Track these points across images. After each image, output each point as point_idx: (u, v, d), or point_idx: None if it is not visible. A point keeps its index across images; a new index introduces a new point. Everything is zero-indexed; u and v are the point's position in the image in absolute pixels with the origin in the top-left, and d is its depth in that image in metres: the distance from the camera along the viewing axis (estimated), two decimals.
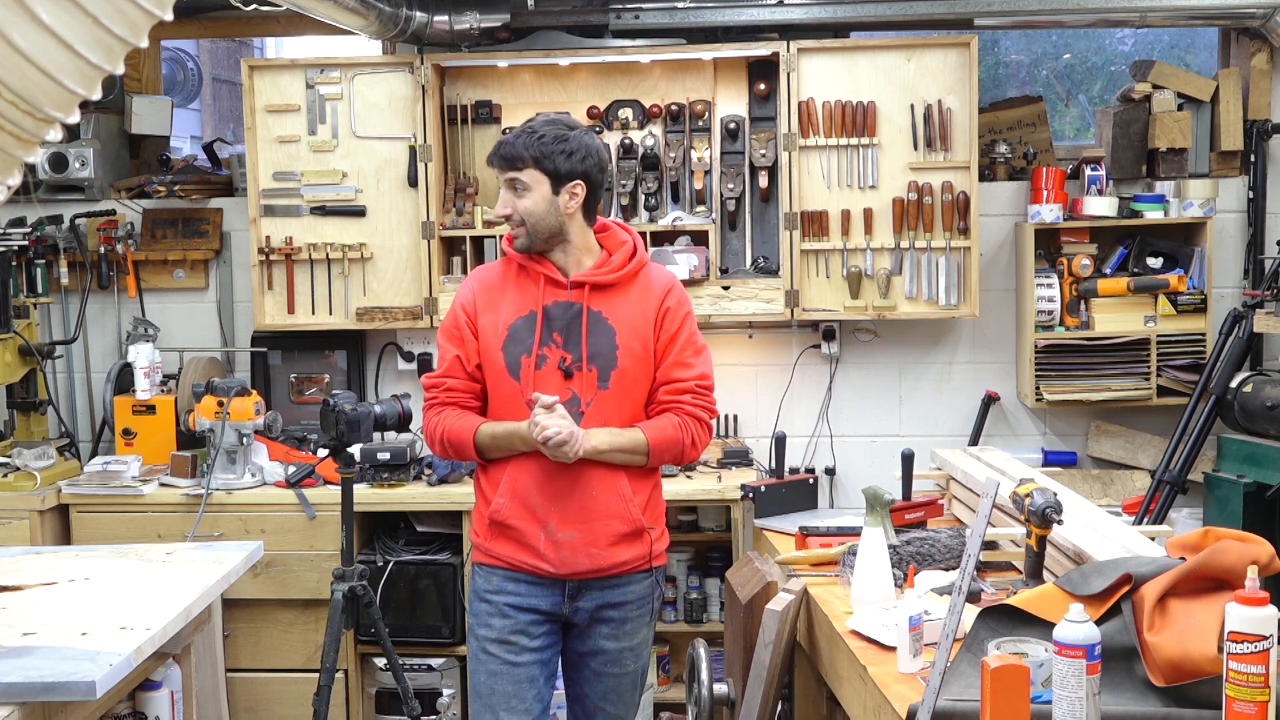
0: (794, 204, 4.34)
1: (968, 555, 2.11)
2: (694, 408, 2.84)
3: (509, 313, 2.82)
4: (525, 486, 2.79)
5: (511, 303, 2.83)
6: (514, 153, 2.79)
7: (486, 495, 2.86)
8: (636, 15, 4.32)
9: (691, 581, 4.44)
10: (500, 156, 2.81)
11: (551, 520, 2.79)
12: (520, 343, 2.79)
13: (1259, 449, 4.05)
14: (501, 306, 2.83)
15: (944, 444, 4.30)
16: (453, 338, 2.86)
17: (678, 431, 2.81)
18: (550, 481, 2.78)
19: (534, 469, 2.78)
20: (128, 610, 2.71)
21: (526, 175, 2.77)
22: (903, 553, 2.83)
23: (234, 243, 4.77)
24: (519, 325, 2.80)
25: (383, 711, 4.24)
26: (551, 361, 2.78)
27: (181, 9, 2.57)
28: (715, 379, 2.93)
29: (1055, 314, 4.40)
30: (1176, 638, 2.04)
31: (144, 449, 4.41)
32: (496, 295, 2.85)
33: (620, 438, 2.78)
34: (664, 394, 2.83)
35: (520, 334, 2.80)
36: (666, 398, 2.83)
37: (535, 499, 2.79)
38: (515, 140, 2.81)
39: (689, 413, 2.83)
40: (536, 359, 2.78)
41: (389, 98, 4.45)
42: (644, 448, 2.79)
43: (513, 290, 2.84)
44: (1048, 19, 4.36)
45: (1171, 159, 4.48)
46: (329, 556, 4.10)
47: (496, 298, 2.85)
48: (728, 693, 2.85)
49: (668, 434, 2.80)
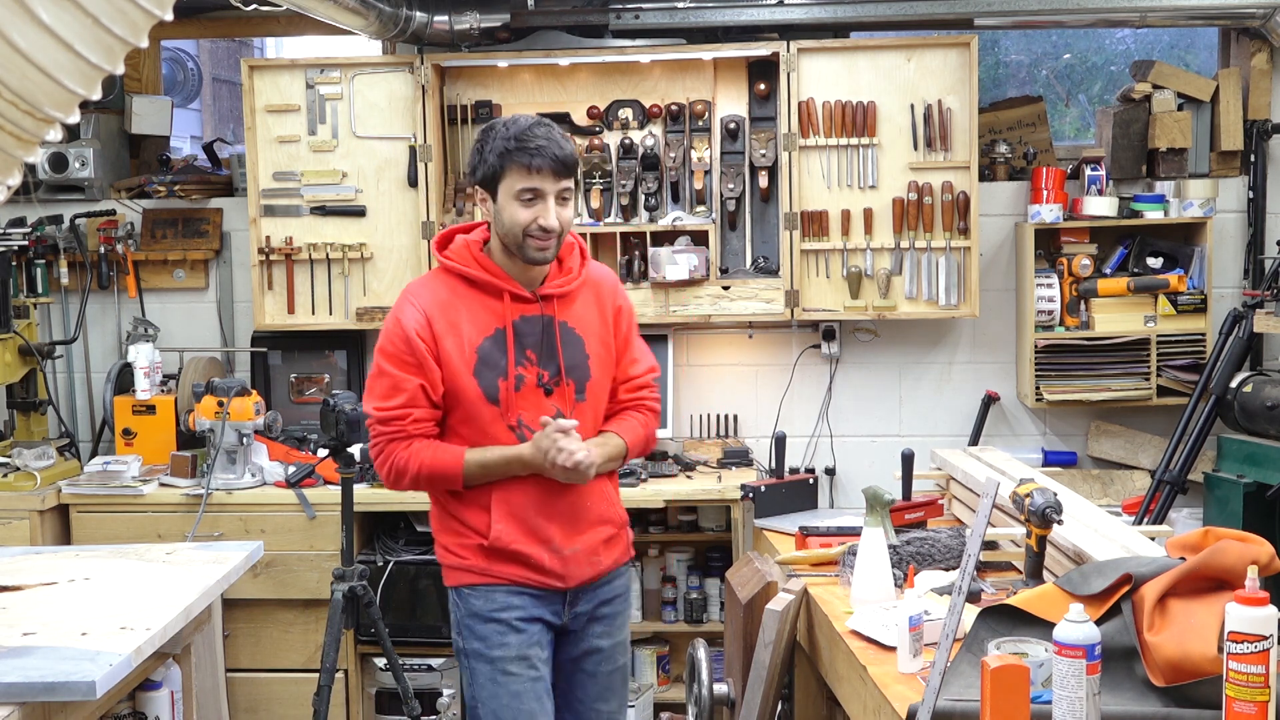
0: (794, 204, 4.34)
1: (968, 555, 2.10)
2: (652, 401, 2.86)
3: (472, 333, 2.65)
4: (521, 508, 2.68)
5: (472, 323, 2.66)
6: (571, 159, 2.63)
7: (469, 524, 2.70)
8: (636, 15, 4.32)
9: (691, 581, 4.44)
10: (560, 162, 2.61)
11: (555, 538, 2.71)
12: (493, 365, 2.65)
13: (1259, 449, 4.05)
14: (462, 328, 2.65)
15: (944, 444, 4.30)
16: (408, 366, 2.63)
17: (645, 429, 2.83)
18: (548, 500, 2.69)
19: (527, 490, 2.68)
20: (128, 610, 2.71)
21: (572, 183, 2.66)
22: (903, 553, 2.83)
23: (234, 243, 4.77)
24: (487, 346, 2.65)
25: (383, 711, 4.24)
26: (530, 381, 2.68)
27: (181, 9, 2.56)
28: (712, 378, 2.94)
29: (1055, 314, 4.40)
30: (1176, 638, 2.04)
31: (144, 449, 4.41)
32: (453, 315, 2.65)
33: (607, 448, 2.75)
34: (624, 392, 2.82)
35: (491, 356, 2.65)
36: (627, 396, 2.82)
37: (534, 520, 2.69)
38: (565, 144, 2.63)
39: (649, 407, 2.85)
40: (515, 380, 2.66)
41: (389, 98, 4.45)
42: (623, 453, 2.79)
43: (468, 308, 2.66)
44: (1048, 19, 4.36)
45: (1171, 159, 4.48)
46: (329, 556, 4.11)
47: (454, 318, 2.65)
48: (728, 693, 2.85)
49: (639, 434, 2.82)
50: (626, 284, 4.40)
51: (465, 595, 2.73)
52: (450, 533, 2.74)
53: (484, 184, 2.67)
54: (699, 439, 4.61)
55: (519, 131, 2.61)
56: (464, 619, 2.73)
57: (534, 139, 2.60)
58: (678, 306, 4.38)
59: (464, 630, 2.73)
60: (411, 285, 2.75)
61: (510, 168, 2.60)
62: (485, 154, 2.65)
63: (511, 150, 2.60)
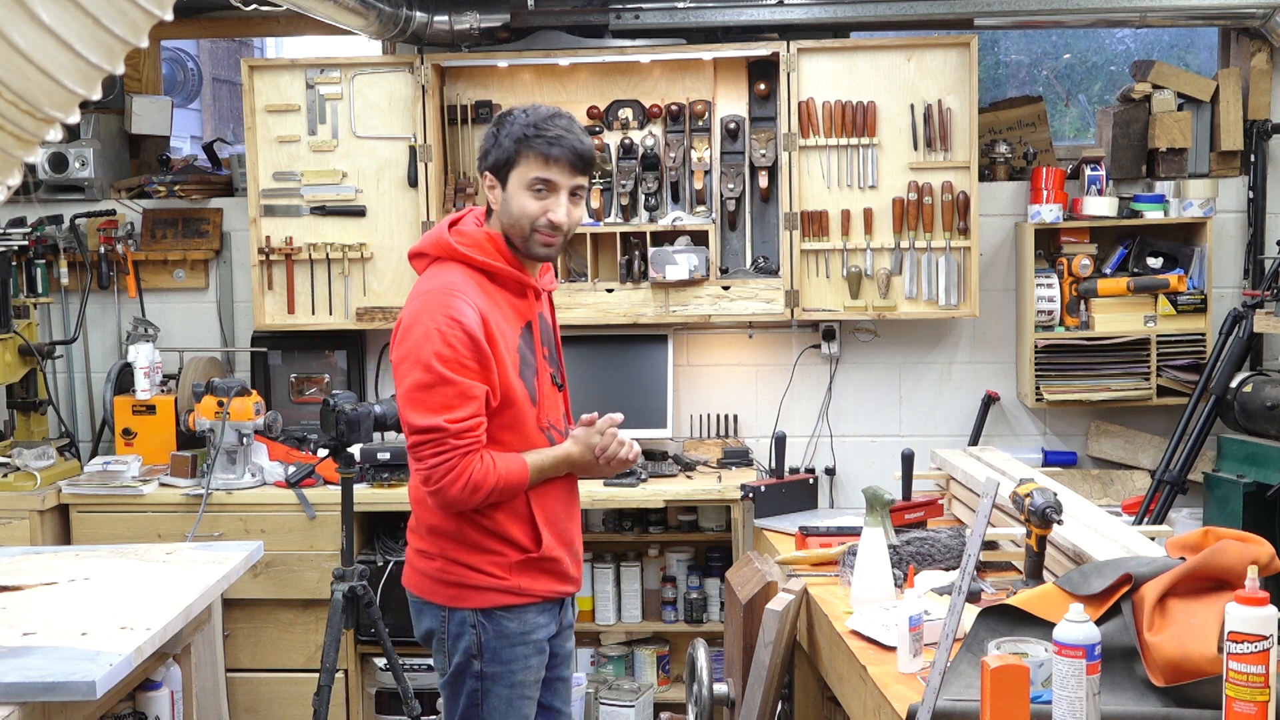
0: (794, 204, 4.34)
1: (968, 555, 2.10)
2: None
3: (509, 332, 2.54)
4: (555, 514, 2.62)
5: (505, 320, 2.54)
6: (589, 154, 2.52)
7: (511, 538, 2.55)
8: (636, 15, 4.32)
9: (691, 581, 4.44)
10: (579, 155, 2.50)
11: (575, 541, 2.70)
12: (529, 364, 2.57)
13: (1259, 449, 4.05)
14: (503, 326, 2.53)
15: (944, 444, 4.31)
16: (472, 371, 2.44)
17: None
18: (570, 502, 2.69)
19: (557, 494, 2.63)
20: (128, 610, 2.71)
21: (586, 182, 2.57)
22: (903, 553, 2.83)
23: (234, 243, 4.77)
24: (522, 346, 2.56)
25: (383, 711, 4.24)
26: (545, 379, 2.64)
27: (181, 9, 2.56)
28: (712, 378, 2.93)
29: (1055, 314, 4.40)
30: (1176, 638, 2.04)
31: (144, 449, 4.41)
32: (495, 313, 2.52)
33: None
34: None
35: (525, 355, 2.56)
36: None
37: (564, 523, 2.65)
38: (586, 139, 2.53)
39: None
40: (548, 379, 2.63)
41: (389, 98, 4.45)
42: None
43: (497, 303, 2.54)
44: (1048, 19, 4.36)
45: (1171, 159, 4.48)
46: (329, 556, 4.11)
47: (496, 316, 2.51)
48: (728, 693, 2.85)
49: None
50: (627, 284, 4.40)
51: (497, 617, 2.56)
52: (481, 552, 2.54)
53: (495, 169, 2.55)
54: (699, 439, 4.61)
55: (539, 119, 2.50)
56: (491, 642, 2.56)
57: (554, 128, 2.49)
58: (678, 306, 4.38)
59: (486, 654, 2.56)
60: (447, 283, 2.50)
61: (526, 154, 2.50)
62: (500, 138, 2.53)
63: (530, 136, 2.49)
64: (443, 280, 2.51)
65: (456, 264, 2.54)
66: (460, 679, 2.60)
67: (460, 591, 2.57)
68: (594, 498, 4.15)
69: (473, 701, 2.60)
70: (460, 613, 2.57)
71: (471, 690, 2.59)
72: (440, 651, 2.63)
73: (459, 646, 2.58)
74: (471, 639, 2.57)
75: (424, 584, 2.62)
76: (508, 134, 2.52)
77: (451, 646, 2.59)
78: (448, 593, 2.58)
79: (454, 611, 2.58)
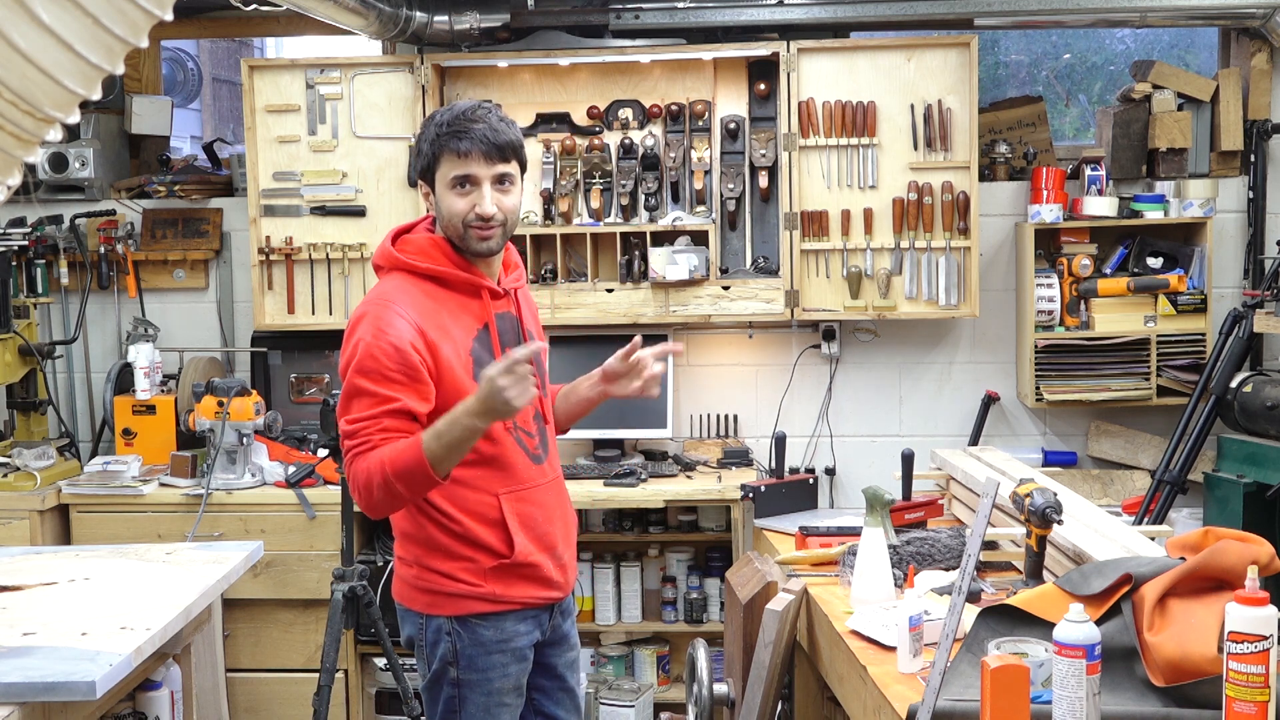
0: (794, 204, 4.34)
1: (968, 555, 2.10)
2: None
3: (461, 335, 2.48)
4: (531, 517, 2.54)
5: (457, 325, 2.48)
6: (509, 141, 2.47)
7: (482, 543, 2.50)
8: (636, 15, 4.32)
9: (691, 581, 4.44)
10: (494, 145, 2.45)
11: (558, 544, 2.60)
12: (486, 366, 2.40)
13: (1259, 449, 4.05)
14: (451, 331, 2.47)
15: (944, 444, 4.30)
16: (393, 383, 2.37)
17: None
18: (551, 504, 2.60)
19: (534, 497, 2.56)
20: (128, 610, 2.71)
21: (513, 168, 2.50)
22: (903, 553, 2.83)
23: (234, 243, 4.77)
24: (476, 348, 2.49)
25: (383, 711, 4.24)
26: None
27: (181, 9, 2.56)
28: (712, 378, 2.90)
29: (1055, 314, 4.40)
30: (1176, 638, 2.04)
31: (144, 449, 4.42)
32: (439, 320, 2.46)
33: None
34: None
35: (481, 357, 2.48)
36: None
37: (543, 527, 2.57)
38: (501, 126, 2.47)
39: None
40: None
41: (389, 98, 4.45)
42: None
43: (449, 310, 2.49)
44: (1048, 19, 4.36)
45: (1171, 159, 4.48)
46: (329, 556, 4.11)
47: (441, 322, 2.46)
48: (728, 693, 2.85)
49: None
50: (627, 284, 4.40)
51: (472, 625, 2.52)
52: (453, 558, 2.51)
53: (423, 175, 2.52)
54: (699, 439, 4.61)
55: (452, 117, 2.47)
56: (466, 650, 2.52)
57: (463, 122, 2.45)
58: (678, 306, 4.38)
59: (462, 661, 2.52)
60: (382, 294, 2.46)
61: (442, 154, 2.46)
62: (421, 144, 2.52)
63: (441, 135, 2.46)
64: (379, 292, 2.49)
65: (402, 273, 2.51)
66: (438, 685, 2.57)
67: (435, 599, 2.54)
68: (594, 498, 4.15)
69: (450, 708, 2.56)
70: (436, 620, 2.54)
71: (449, 697, 2.56)
72: (420, 658, 2.61)
73: (436, 654, 2.55)
74: (447, 646, 2.53)
75: (404, 590, 2.60)
76: (425, 138, 2.51)
77: (429, 653, 2.56)
78: (424, 600, 2.55)
79: (430, 619, 2.55)
